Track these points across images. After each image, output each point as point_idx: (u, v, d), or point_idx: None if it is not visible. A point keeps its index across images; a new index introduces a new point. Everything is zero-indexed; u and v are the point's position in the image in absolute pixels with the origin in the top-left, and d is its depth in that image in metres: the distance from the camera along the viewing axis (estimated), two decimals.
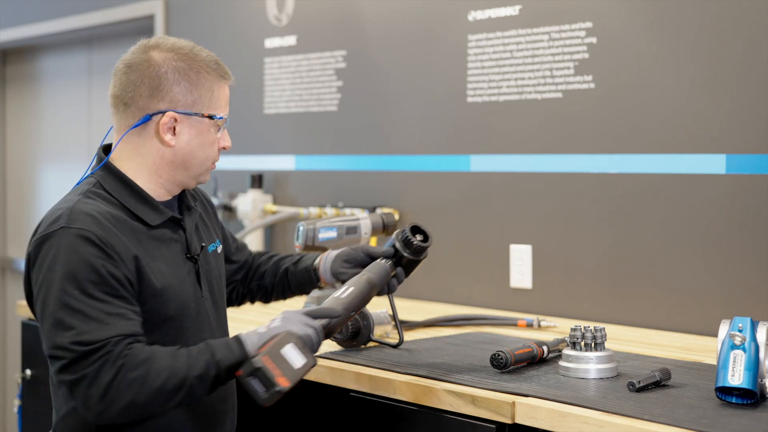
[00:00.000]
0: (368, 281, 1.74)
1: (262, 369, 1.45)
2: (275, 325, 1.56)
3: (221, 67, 1.67)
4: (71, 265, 1.47)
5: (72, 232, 1.49)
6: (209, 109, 1.64)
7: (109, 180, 1.63)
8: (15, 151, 4.85)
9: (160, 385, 1.46)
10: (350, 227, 2.22)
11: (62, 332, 1.45)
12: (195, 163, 1.65)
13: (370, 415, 1.80)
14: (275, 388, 1.46)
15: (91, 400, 1.45)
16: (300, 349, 1.51)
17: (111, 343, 1.45)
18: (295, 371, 1.49)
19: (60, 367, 1.46)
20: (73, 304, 1.46)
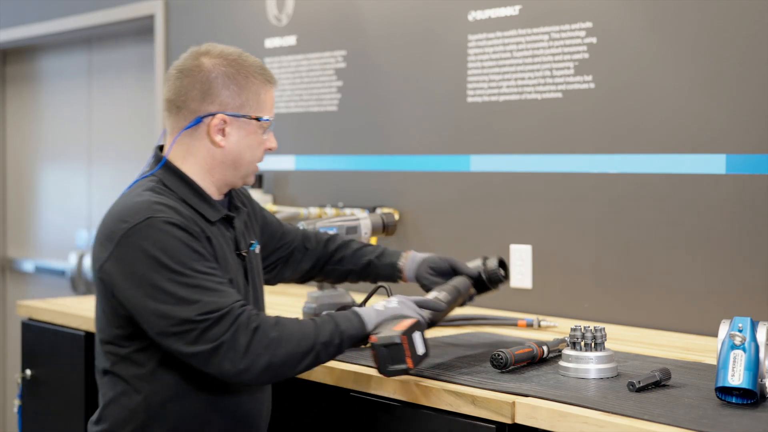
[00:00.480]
0: (457, 291, 1.86)
1: (399, 345, 1.57)
2: (392, 306, 1.70)
3: (267, 72, 1.77)
4: (172, 249, 1.57)
5: (159, 220, 1.59)
6: (256, 111, 1.74)
7: (169, 178, 1.71)
8: (15, 151, 4.85)
9: (293, 348, 1.58)
10: (350, 227, 2.22)
11: (186, 307, 1.55)
12: (243, 163, 1.75)
13: (370, 415, 1.80)
14: (402, 366, 1.59)
15: (232, 363, 1.55)
16: (424, 338, 1.64)
17: (236, 308, 1.57)
18: (419, 356, 1.62)
19: (191, 341, 1.55)
20: (187, 281, 1.56)
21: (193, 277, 1.57)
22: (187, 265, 1.57)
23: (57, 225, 4.53)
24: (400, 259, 2.01)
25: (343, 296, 2.25)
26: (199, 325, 1.55)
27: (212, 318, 1.55)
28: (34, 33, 4.37)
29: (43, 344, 2.69)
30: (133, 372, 1.66)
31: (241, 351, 1.55)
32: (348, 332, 1.63)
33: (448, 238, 2.76)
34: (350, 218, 2.25)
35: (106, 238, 1.62)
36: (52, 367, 2.65)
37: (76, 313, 2.56)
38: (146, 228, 1.58)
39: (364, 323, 1.66)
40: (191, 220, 1.65)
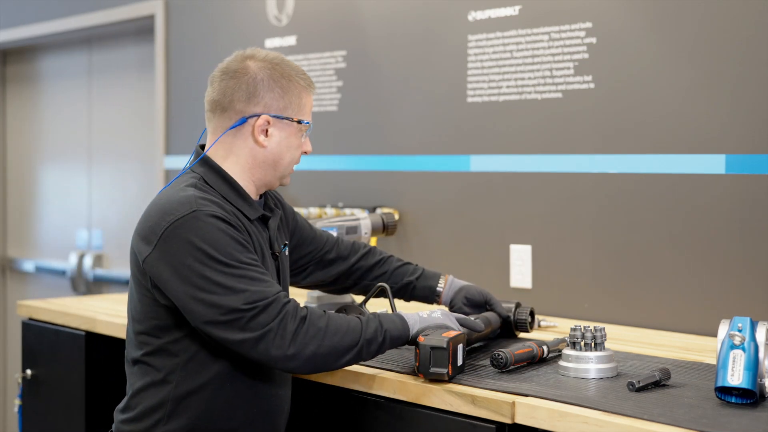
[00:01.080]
0: (489, 323, 1.96)
1: (445, 350, 1.64)
2: (436, 316, 1.78)
3: (307, 77, 1.83)
4: (218, 240, 1.63)
5: (205, 213, 1.64)
6: (298, 114, 1.80)
7: (210, 175, 1.76)
8: (15, 151, 4.85)
9: (339, 341, 1.64)
10: (350, 227, 2.22)
11: (234, 296, 1.60)
12: (283, 163, 1.81)
13: (370, 415, 1.80)
14: (442, 370, 1.65)
15: (279, 349, 1.60)
16: (464, 352, 1.73)
17: (281, 297, 1.63)
18: (458, 367, 1.69)
19: (239, 328, 1.59)
20: (234, 272, 1.61)
21: (239, 268, 1.62)
22: (233, 256, 1.62)
23: (57, 225, 4.53)
24: (439, 283, 2.10)
25: (343, 297, 2.24)
26: (246, 313, 1.59)
27: (259, 306, 1.60)
28: (34, 33, 4.37)
29: (43, 344, 2.69)
30: (166, 362, 1.70)
31: (288, 338, 1.60)
32: (392, 332, 1.70)
33: (448, 238, 2.76)
34: (350, 218, 2.25)
35: (149, 232, 1.66)
36: (52, 367, 2.65)
37: (76, 313, 2.56)
38: (192, 220, 1.63)
39: (408, 326, 1.73)
40: (233, 214, 1.71)
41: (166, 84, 3.68)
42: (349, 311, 1.99)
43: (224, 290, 1.60)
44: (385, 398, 1.77)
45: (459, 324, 1.81)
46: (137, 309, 1.73)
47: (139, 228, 1.70)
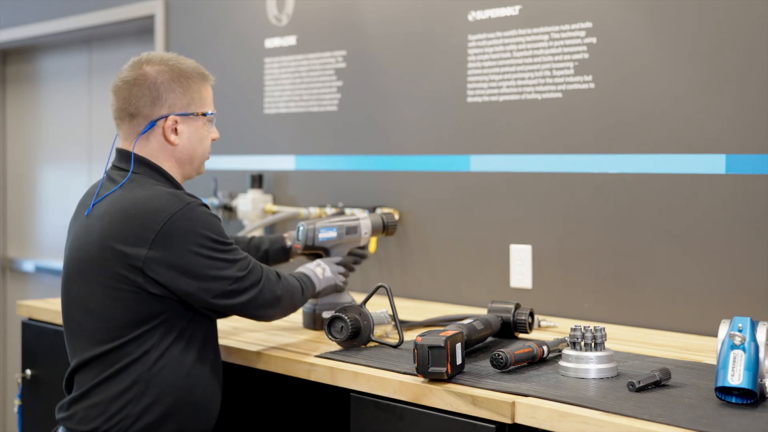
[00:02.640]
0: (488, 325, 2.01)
1: (443, 349, 1.66)
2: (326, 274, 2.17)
3: (203, 71, 1.97)
4: (214, 225, 1.84)
5: (195, 204, 1.83)
6: (201, 107, 1.93)
7: (155, 174, 1.90)
8: (15, 151, 4.85)
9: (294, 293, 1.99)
10: (350, 227, 2.23)
11: (234, 266, 1.84)
12: (196, 156, 1.95)
13: (370, 415, 1.80)
14: (441, 369, 1.67)
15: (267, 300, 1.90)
16: (463, 351, 1.74)
17: (252, 263, 1.89)
18: (457, 366, 1.70)
19: (241, 291, 1.85)
20: (228, 248, 1.85)
21: (228, 244, 1.85)
22: (224, 234, 1.85)
23: (57, 225, 4.53)
24: (287, 241, 2.33)
25: (343, 297, 2.25)
26: (244, 278, 1.85)
27: (248, 269, 1.86)
28: (34, 33, 4.37)
29: (43, 344, 2.68)
30: (136, 350, 1.81)
31: (275, 292, 1.91)
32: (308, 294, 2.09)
33: (448, 238, 2.76)
34: (350, 218, 2.25)
35: (139, 233, 1.79)
36: (52, 367, 2.65)
37: None
38: (189, 212, 1.80)
39: (315, 288, 2.13)
40: None
41: None
42: (348, 311, 2.00)
43: (227, 264, 1.83)
44: (385, 398, 1.77)
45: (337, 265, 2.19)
46: (114, 307, 1.81)
47: (116, 231, 1.80)
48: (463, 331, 1.77)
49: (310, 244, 2.19)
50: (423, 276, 2.83)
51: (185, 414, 1.84)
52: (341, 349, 2.00)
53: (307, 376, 1.92)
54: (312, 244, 2.19)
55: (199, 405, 1.87)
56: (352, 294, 2.81)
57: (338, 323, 1.99)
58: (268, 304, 1.91)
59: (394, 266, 2.89)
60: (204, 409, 1.89)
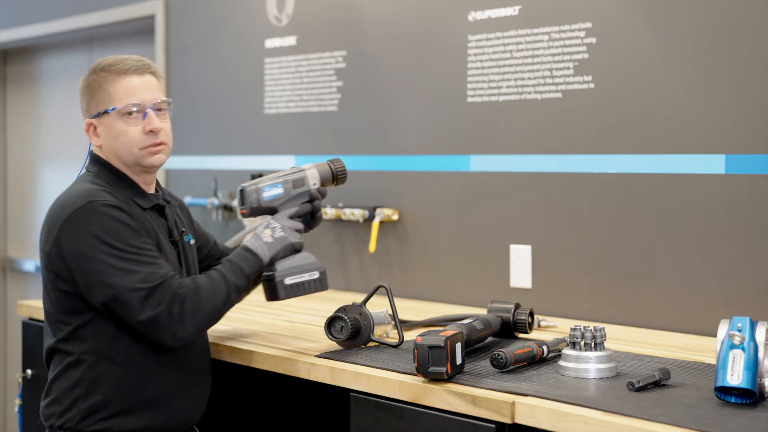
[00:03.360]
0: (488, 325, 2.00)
1: (443, 349, 1.66)
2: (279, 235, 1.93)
3: (118, 63, 1.94)
4: (112, 227, 1.77)
5: (99, 203, 1.79)
6: (107, 105, 1.91)
7: (104, 172, 1.92)
8: (15, 151, 4.85)
9: (214, 304, 1.82)
10: (297, 179, 2.01)
11: (128, 276, 1.75)
12: (121, 152, 1.91)
13: (370, 415, 1.80)
14: (441, 369, 1.66)
15: (171, 326, 1.76)
16: (463, 351, 1.73)
17: (169, 278, 1.78)
18: (457, 366, 1.70)
19: (135, 307, 1.75)
20: (126, 255, 1.76)
21: (131, 252, 1.77)
22: (126, 241, 1.77)
23: None
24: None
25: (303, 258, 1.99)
26: (139, 292, 1.75)
27: (149, 287, 1.75)
28: (34, 33, 4.37)
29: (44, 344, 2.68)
30: (79, 345, 1.83)
31: (176, 315, 1.76)
32: (248, 270, 1.89)
33: (448, 238, 2.76)
34: (295, 170, 2.03)
35: (50, 227, 1.83)
36: None
37: None
38: (88, 210, 1.78)
39: (259, 257, 1.90)
40: (126, 203, 1.85)
41: (165, 84, 3.68)
42: (348, 311, 2.00)
43: (119, 272, 1.75)
44: (385, 398, 1.77)
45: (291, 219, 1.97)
46: (48, 299, 1.87)
47: (42, 226, 1.87)
48: (463, 331, 1.77)
49: (255, 206, 1.96)
50: (423, 276, 2.83)
51: (141, 411, 1.84)
52: (341, 349, 2.00)
53: (307, 376, 1.92)
54: (258, 206, 1.96)
55: (157, 402, 1.86)
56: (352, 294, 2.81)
57: (338, 323, 1.99)
58: (165, 330, 1.77)
59: (394, 266, 2.89)
60: (166, 405, 1.87)
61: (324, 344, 2.06)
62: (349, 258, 3.01)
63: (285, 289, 1.94)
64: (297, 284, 1.95)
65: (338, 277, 3.03)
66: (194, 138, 3.52)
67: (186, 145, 3.58)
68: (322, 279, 1.97)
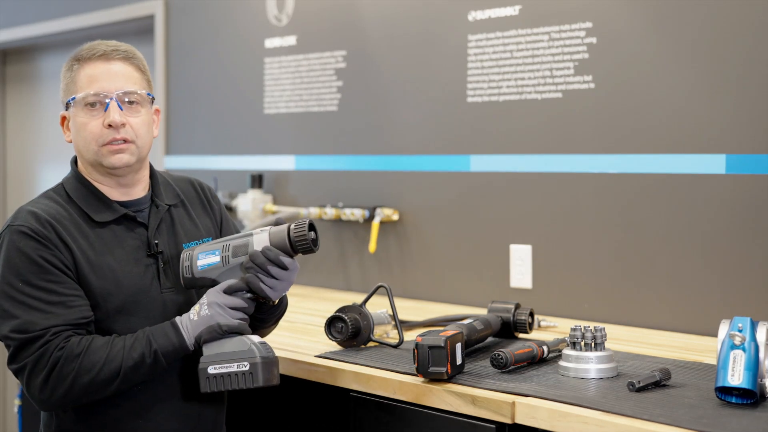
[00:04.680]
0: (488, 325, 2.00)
1: (443, 349, 1.66)
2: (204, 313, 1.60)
3: (87, 49, 1.71)
4: (12, 259, 1.57)
5: (14, 229, 1.60)
6: (69, 95, 1.71)
7: (71, 181, 1.73)
8: (15, 151, 4.85)
9: (94, 377, 1.54)
10: (239, 245, 1.65)
11: (6, 322, 1.55)
12: (83, 148, 1.70)
13: (370, 415, 1.80)
14: (441, 369, 1.66)
15: (33, 389, 1.55)
16: (463, 351, 1.74)
17: (50, 333, 1.54)
18: (457, 366, 1.70)
19: (8, 356, 1.57)
20: (15, 295, 1.56)
21: (21, 292, 1.55)
22: (22, 276, 1.56)
23: None
24: None
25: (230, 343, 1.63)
26: (11, 342, 1.55)
27: (23, 338, 1.54)
28: (34, 33, 4.37)
29: None
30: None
31: (41, 379, 1.54)
32: (163, 349, 1.58)
33: (448, 238, 2.76)
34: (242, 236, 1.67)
35: None
36: None
37: None
38: (5, 235, 1.61)
39: (182, 336, 1.59)
40: (56, 226, 1.61)
41: (165, 84, 3.68)
42: (348, 311, 2.00)
43: (1, 312, 1.56)
44: (385, 398, 1.77)
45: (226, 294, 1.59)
46: None
47: None
48: (463, 331, 1.77)
49: (188, 275, 1.65)
50: (423, 276, 2.83)
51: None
52: (341, 349, 2.00)
53: (307, 376, 1.92)
54: (191, 276, 1.65)
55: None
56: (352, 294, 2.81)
57: (338, 323, 1.99)
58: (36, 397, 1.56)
59: (394, 266, 2.89)
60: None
61: (324, 344, 2.06)
62: (349, 258, 3.01)
63: (208, 379, 1.60)
64: (223, 375, 1.60)
65: (338, 277, 3.03)
66: (194, 138, 3.52)
67: (186, 145, 3.59)
68: (254, 372, 1.58)
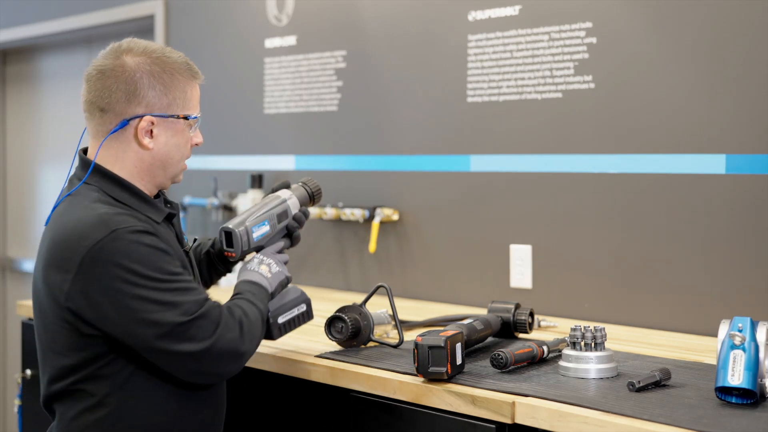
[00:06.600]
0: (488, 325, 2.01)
1: (443, 349, 1.66)
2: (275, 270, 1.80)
3: (192, 67, 1.72)
4: (144, 256, 1.54)
5: (125, 230, 1.54)
6: (183, 110, 1.70)
7: (109, 185, 1.65)
8: (15, 151, 4.85)
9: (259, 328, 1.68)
10: (280, 213, 1.91)
11: (169, 311, 1.54)
12: (172, 163, 1.71)
13: (370, 415, 1.80)
14: (441, 369, 1.66)
15: (229, 349, 1.58)
16: (463, 351, 1.73)
17: (209, 306, 1.59)
18: (457, 366, 1.70)
19: (183, 340, 1.54)
20: (167, 286, 1.55)
21: (169, 281, 1.55)
22: (163, 269, 1.55)
23: None
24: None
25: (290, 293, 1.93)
26: (185, 325, 1.54)
27: (196, 315, 1.56)
28: (34, 33, 4.37)
29: None
30: (100, 387, 1.60)
31: (236, 335, 1.60)
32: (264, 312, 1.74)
33: (448, 238, 2.76)
34: (277, 203, 1.92)
35: (64, 261, 1.55)
36: None
37: None
38: (113, 242, 1.52)
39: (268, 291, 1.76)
40: (147, 222, 1.61)
41: None
42: (348, 311, 2.00)
43: (161, 306, 1.53)
44: (385, 398, 1.77)
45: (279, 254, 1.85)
46: (58, 341, 1.60)
47: (49, 257, 1.58)
48: (463, 331, 1.77)
49: (246, 248, 1.85)
50: (423, 276, 2.83)
51: None
52: (341, 349, 2.00)
53: (307, 376, 1.92)
54: (248, 248, 1.86)
55: None
56: (352, 294, 2.81)
57: (338, 323, 1.99)
58: (226, 358, 1.60)
59: (394, 266, 2.89)
60: None
61: (324, 344, 2.06)
62: (349, 258, 3.01)
63: (279, 329, 1.84)
64: (289, 321, 1.85)
65: (338, 277, 3.03)
66: None
67: None
68: (309, 310, 1.89)
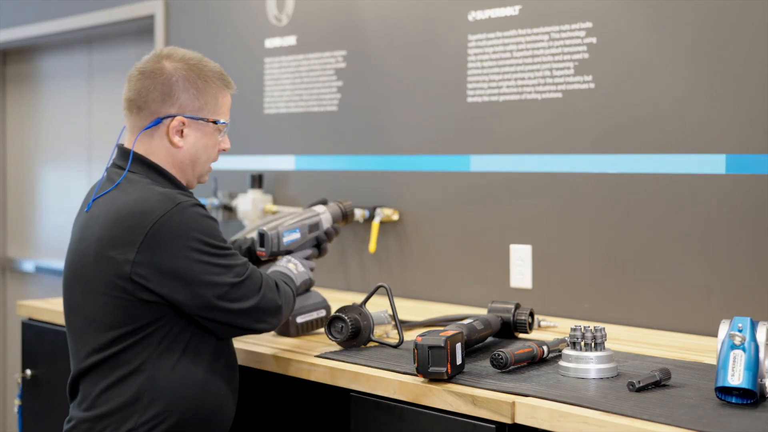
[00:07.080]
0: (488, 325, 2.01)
1: (443, 349, 1.66)
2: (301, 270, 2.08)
3: (225, 77, 1.92)
4: (206, 228, 1.74)
5: (187, 204, 1.74)
6: (214, 114, 1.87)
7: (153, 174, 1.82)
8: (15, 151, 4.85)
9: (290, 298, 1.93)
10: (312, 224, 2.19)
11: (229, 271, 1.75)
12: (200, 162, 1.88)
13: (370, 415, 1.80)
14: (441, 369, 1.67)
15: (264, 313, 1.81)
16: (463, 351, 1.73)
17: (252, 269, 1.81)
18: (457, 366, 1.70)
19: (238, 299, 1.76)
20: (223, 252, 1.75)
21: (224, 248, 1.76)
22: (220, 237, 1.77)
23: (57, 225, 4.53)
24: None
25: (312, 296, 2.21)
26: (240, 284, 1.76)
27: (245, 276, 1.77)
28: (34, 33, 4.37)
29: (43, 344, 2.69)
30: (138, 355, 1.74)
31: (275, 294, 1.83)
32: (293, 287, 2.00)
33: (448, 238, 2.76)
34: (310, 215, 2.21)
35: (128, 236, 1.71)
36: (52, 367, 2.65)
37: None
38: (179, 214, 1.71)
39: (296, 284, 2.04)
40: None
41: None
42: (348, 311, 2.00)
43: (221, 269, 1.74)
44: (385, 398, 1.77)
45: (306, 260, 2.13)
46: (111, 315, 1.74)
47: (108, 236, 1.73)
48: (463, 331, 1.77)
49: (275, 250, 2.12)
50: (423, 276, 2.83)
51: (195, 427, 1.77)
52: (341, 349, 2.00)
53: (307, 376, 1.92)
54: (277, 250, 2.12)
55: (210, 418, 1.80)
56: (352, 294, 2.81)
57: (338, 323, 1.99)
58: (270, 313, 1.82)
59: (394, 266, 2.89)
60: (216, 422, 1.82)
61: (324, 344, 2.06)
62: (349, 258, 3.01)
63: (296, 327, 2.15)
64: (307, 322, 2.15)
65: (338, 277, 3.03)
66: None
67: None
68: (326, 317, 2.15)
